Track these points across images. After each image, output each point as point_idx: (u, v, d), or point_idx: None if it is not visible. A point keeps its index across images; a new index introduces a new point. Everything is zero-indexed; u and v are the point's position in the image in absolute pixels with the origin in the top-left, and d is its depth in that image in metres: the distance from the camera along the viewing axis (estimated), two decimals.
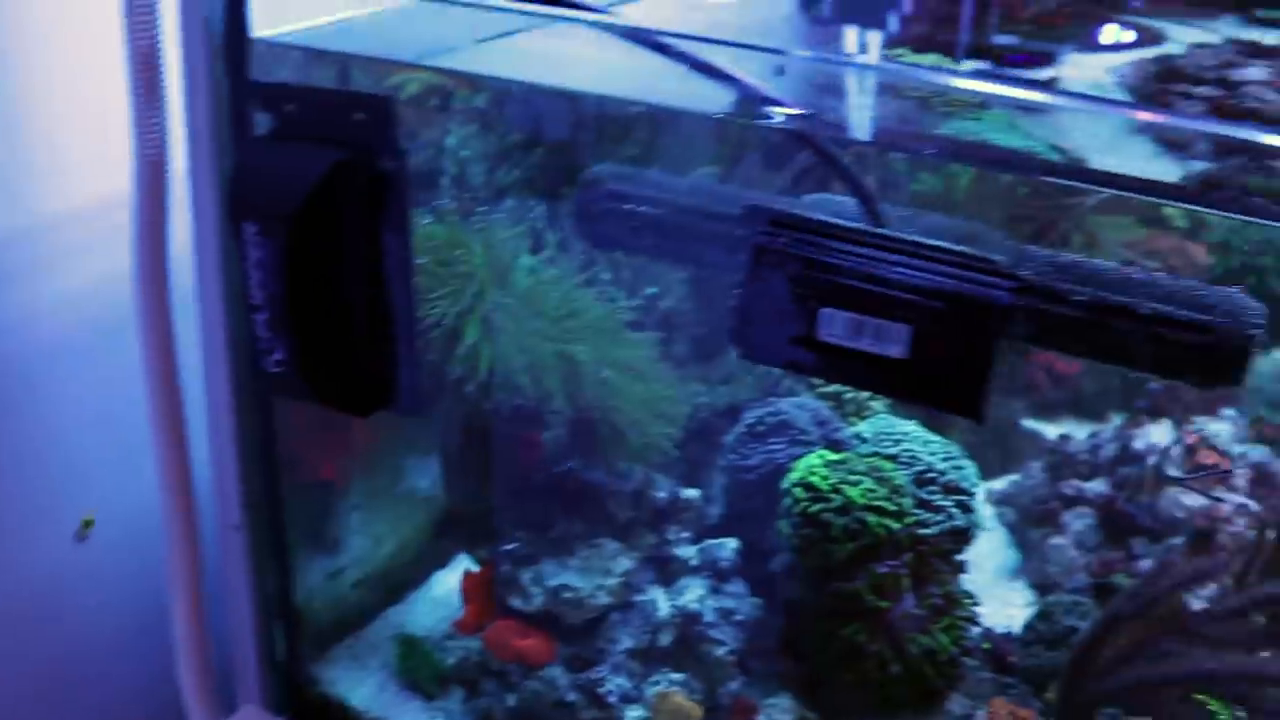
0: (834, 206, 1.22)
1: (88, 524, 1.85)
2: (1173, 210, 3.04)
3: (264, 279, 1.26)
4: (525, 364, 1.46)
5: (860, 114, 1.39)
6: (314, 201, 1.22)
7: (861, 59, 1.57)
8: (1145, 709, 1.52)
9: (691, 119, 1.66)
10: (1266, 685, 1.46)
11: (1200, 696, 1.62)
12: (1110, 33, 1.87)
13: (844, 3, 1.65)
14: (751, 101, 1.20)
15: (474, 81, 1.76)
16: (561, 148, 1.72)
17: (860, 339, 1.10)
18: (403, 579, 1.95)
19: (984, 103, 1.32)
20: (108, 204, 1.55)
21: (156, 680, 1.92)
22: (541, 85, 1.51)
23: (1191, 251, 2.88)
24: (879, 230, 1.13)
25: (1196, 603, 1.64)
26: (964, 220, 1.25)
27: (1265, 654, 1.50)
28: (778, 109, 1.22)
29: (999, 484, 2.50)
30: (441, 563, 1.98)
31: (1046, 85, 1.60)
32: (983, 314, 1.07)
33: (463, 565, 1.91)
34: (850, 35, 1.64)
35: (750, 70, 1.21)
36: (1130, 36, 1.81)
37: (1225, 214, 1.24)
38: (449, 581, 1.95)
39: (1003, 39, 1.82)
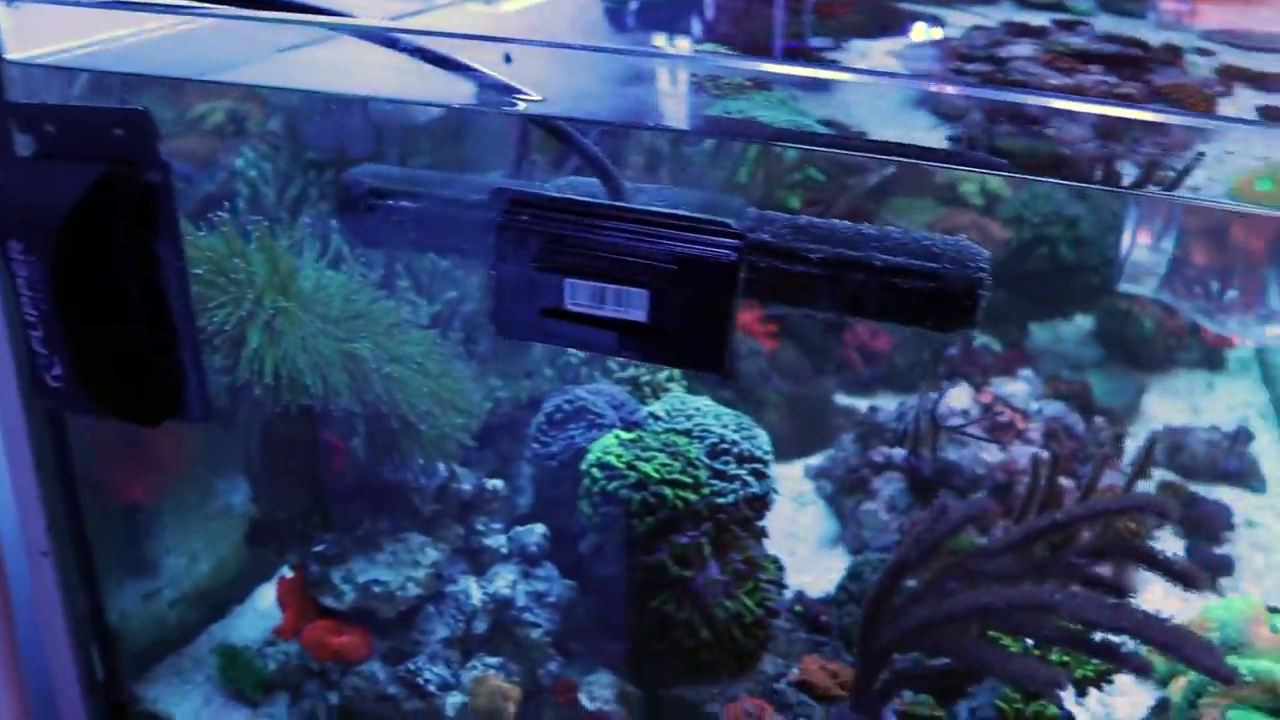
0: (586, 188, 1.28)
1: None
2: (969, 188, 3.18)
3: (34, 296, 1.27)
4: (310, 364, 1.49)
5: (619, 99, 1.44)
6: (78, 217, 1.23)
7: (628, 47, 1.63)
8: (939, 649, 1.59)
9: (432, 111, 1.71)
10: (1039, 613, 1.53)
11: (994, 633, 1.71)
12: (893, 21, 1.95)
13: (645, 13, 1.72)
14: (494, 90, 1.25)
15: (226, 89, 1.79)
16: (338, 156, 1.77)
17: (604, 306, 1.16)
18: (225, 595, 1.97)
19: (760, 84, 1.37)
20: None
21: None
22: (297, 88, 1.54)
23: (988, 227, 3.01)
24: (612, 203, 1.19)
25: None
26: (715, 194, 1.32)
27: (1035, 585, 1.58)
28: (520, 97, 1.27)
29: (816, 459, 2.59)
30: (266, 576, 2.00)
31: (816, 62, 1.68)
32: (714, 274, 1.13)
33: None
34: (659, 41, 1.71)
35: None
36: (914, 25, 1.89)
37: (976, 169, 1.31)
38: (272, 594, 1.96)
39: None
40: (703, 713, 1.74)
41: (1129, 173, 1.31)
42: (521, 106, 1.27)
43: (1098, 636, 1.52)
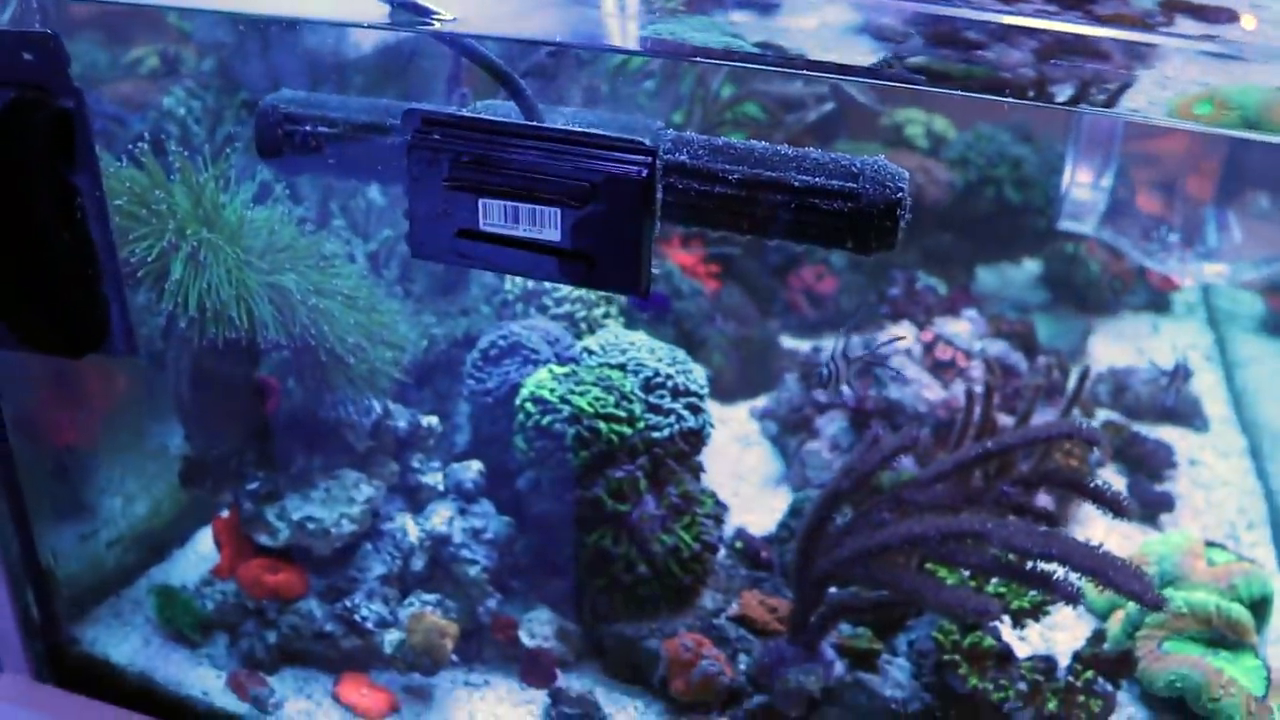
0: (503, 110, 1.27)
1: None
2: (915, 130, 3.18)
3: None
4: (235, 297, 1.48)
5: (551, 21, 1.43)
6: None
7: None
8: (874, 580, 1.60)
9: (364, 47, 1.70)
10: (971, 542, 1.54)
11: (930, 565, 1.72)
12: None
13: None
14: (407, 10, 1.24)
15: None
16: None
17: (519, 227, 1.15)
18: (163, 537, 1.96)
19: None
20: None
21: None
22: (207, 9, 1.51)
23: (934, 169, 3.01)
24: (525, 122, 1.18)
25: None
26: (631, 116, 1.31)
27: (963, 514, 1.59)
28: (435, 18, 1.26)
29: (761, 400, 2.60)
30: (205, 519, 1.99)
31: None
32: (625, 191, 1.13)
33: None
34: None
35: None
36: None
37: (909, 86, 1.30)
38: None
39: None
40: (642, 648, 1.74)
41: (1065, 95, 1.32)
42: (436, 26, 1.26)
43: (1029, 565, 1.54)
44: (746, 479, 2.41)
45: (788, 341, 2.82)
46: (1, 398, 1.62)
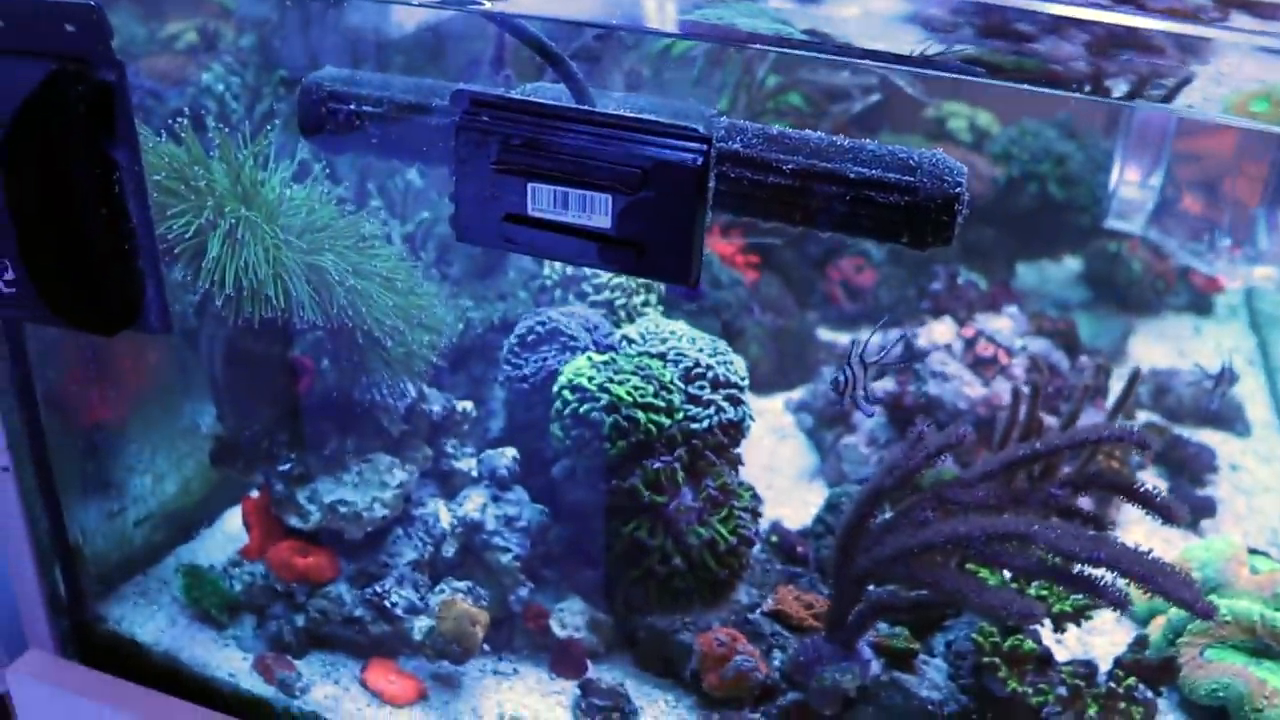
0: (551, 94, 1.24)
1: None
2: (958, 124, 3.13)
3: None
4: (272, 275, 1.46)
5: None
6: (29, 114, 1.20)
7: None
8: (915, 579, 1.57)
9: (406, 27, 1.67)
10: (1016, 544, 1.51)
11: (971, 565, 1.69)
12: None
13: None
14: None
15: None
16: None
17: (568, 212, 1.12)
18: (192, 517, 1.94)
19: None
20: None
21: None
22: None
23: (976, 163, 2.97)
24: (576, 106, 1.15)
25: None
26: (683, 102, 1.28)
27: (1007, 515, 1.56)
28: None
29: (798, 393, 2.56)
30: (234, 499, 1.97)
31: None
32: (679, 178, 1.10)
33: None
34: None
35: None
36: None
37: (958, 76, 1.28)
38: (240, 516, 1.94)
39: None
40: (675, 641, 1.72)
41: (1120, 90, 1.28)
42: (486, 5, 1.23)
43: (1076, 569, 1.50)
44: (781, 472, 2.38)
45: (825, 334, 2.79)
46: (33, 373, 1.61)
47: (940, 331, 2.39)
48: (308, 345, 1.65)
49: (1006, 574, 1.69)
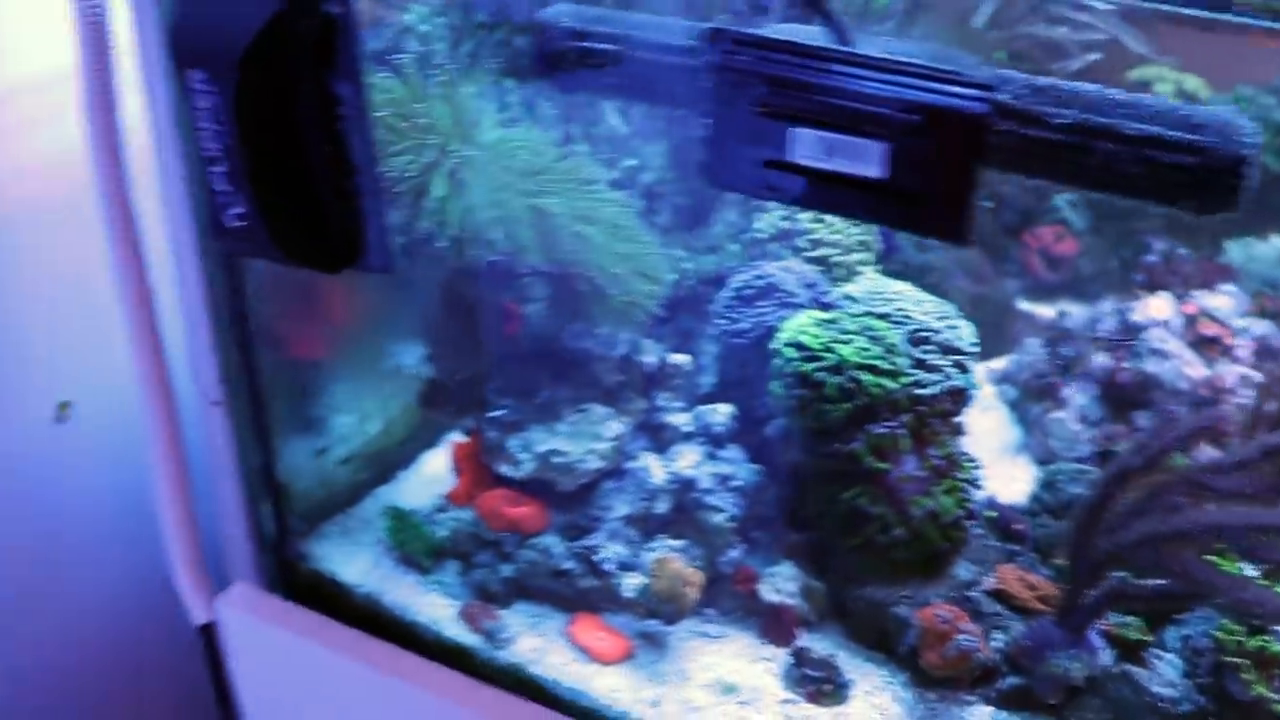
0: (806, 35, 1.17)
1: (64, 406, 1.83)
2: (1165, 89, 2.97)
3: (217, 129, 1.22)
4: (497, 218, 1.42)
5: None
6: (261, 45, 1.18)
7: None
8: (1161, 567, 1.48)
9: None
10: (1273, 536, 1.41)
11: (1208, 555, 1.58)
12: None
13: None
14: None
15: None
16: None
17: (834, 159, 1.05)
18: (392, 458, 1.92)
19: None
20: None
21: (145, 560, 1.91)
22: None
23: None
24: (848, 48, 1.07)
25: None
26: (945, 48, 1.20)
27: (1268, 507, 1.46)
28: None
29: (1000, 363, 2.46)
30: (430, 442, 1.95)
31: None
32: (962, 127, 1.02)
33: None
34: None
35: None
36: None
37: None
38: (439, 461, 1.92)
39: None
40: (891, 614, 1.64)
41: None
42: None
43: None
44: (983, 445, 2.28)
45: (1024, 304, 2.67)
46: (248, 305, 1.60)
47: (1157, 306, 2.26)
48: (525, 290, 1.60)
49: (1248, 568, 1.58)
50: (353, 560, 1.77)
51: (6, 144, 1.69)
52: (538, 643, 1.65)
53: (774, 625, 1.67)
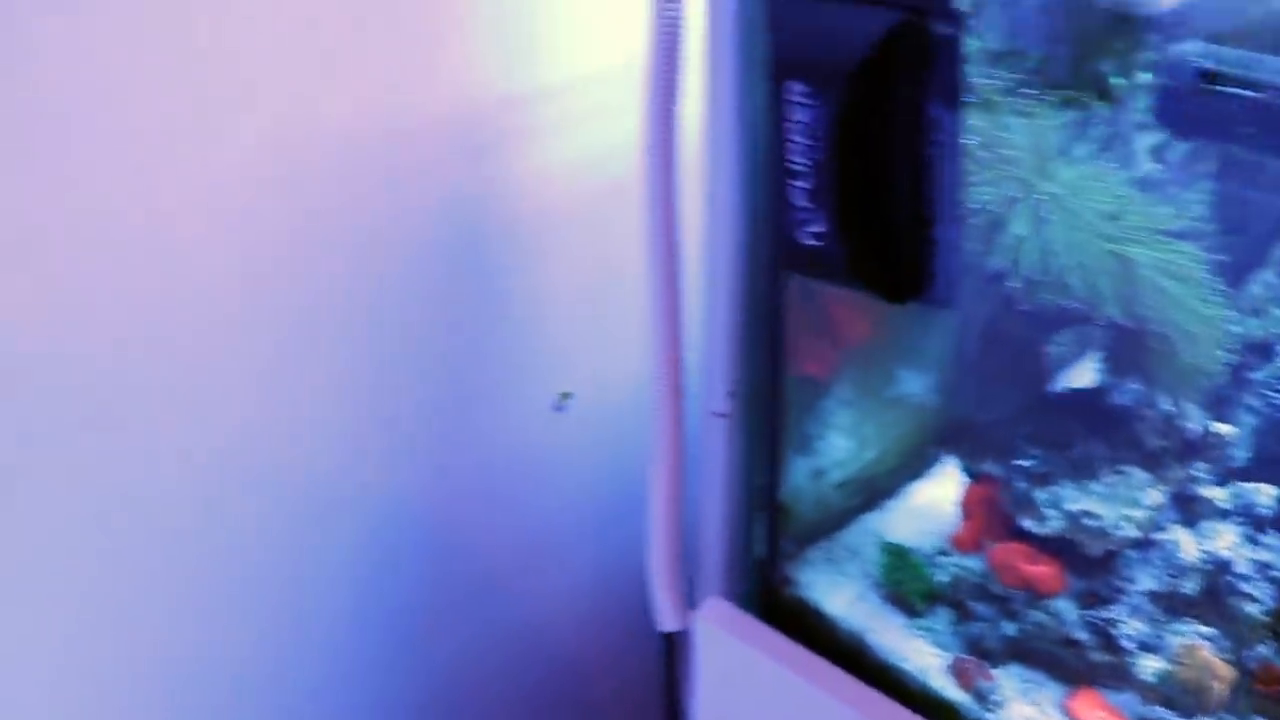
0: None
1: (565, 395, 1.85)
2: None
3: (809, 144, 1.19)
4: (1074, 263, 1.32)
5: None
6: (870, 63, 1.14)
7: None
8: None
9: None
10: None
11: None
12: None
13: None
14: None
15: None
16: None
17: None
18: (883, 486, 1.85)
19: None
20: (628, 67, 1.50)
21: (613, 559, 1.91)
22: None
23: None
24: None
25: None
26: None
27: None
28: None
29: None
30: (918, 473, 1.87)
31: None
32: None
33: (943, 477, 1.78)
34: None
35: None
36: None
37: None
38: (928, 493, 1.83)
39: None
40: None
41: None
42: None
43: None
44: None
45: None
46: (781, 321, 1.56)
47: None
48: (1082, 338, 1.50)
49: None
50: (837, 590, 1.71)
51: (542, 144, 1.71)
52: (1031, 712, 1.55)
53: None
